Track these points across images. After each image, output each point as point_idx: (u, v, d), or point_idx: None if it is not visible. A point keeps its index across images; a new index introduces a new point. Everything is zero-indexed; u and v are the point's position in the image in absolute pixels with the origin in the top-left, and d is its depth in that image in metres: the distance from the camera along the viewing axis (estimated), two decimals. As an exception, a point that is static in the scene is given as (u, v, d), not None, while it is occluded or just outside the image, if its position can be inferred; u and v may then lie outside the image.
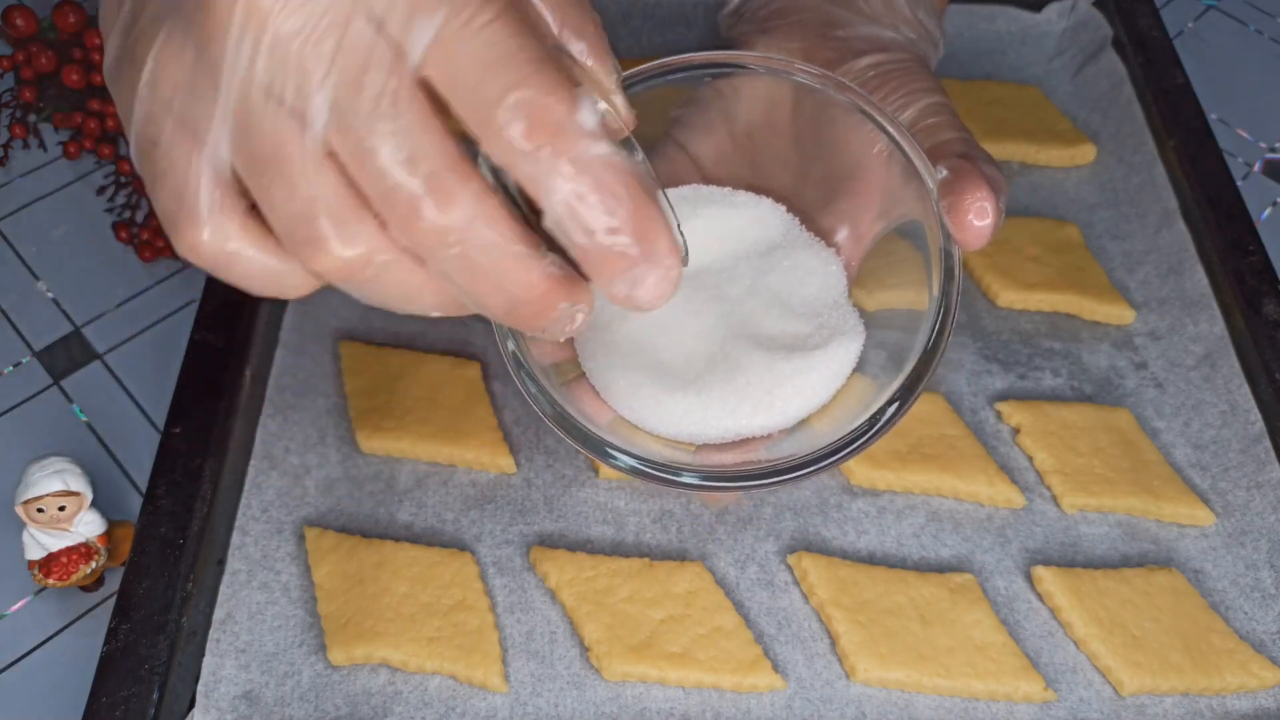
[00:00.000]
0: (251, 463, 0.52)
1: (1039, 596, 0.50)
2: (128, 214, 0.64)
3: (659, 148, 0.43)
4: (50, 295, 0.61)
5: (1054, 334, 0.58)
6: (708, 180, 0.42)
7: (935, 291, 0.36)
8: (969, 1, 0.70)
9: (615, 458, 0.35)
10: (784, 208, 0.41)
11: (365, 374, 0.54)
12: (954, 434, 0.54)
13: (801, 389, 0.36)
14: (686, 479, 0.34)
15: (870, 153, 0.38)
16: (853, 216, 0.39)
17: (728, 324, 0.38)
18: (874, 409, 0.35)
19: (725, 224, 0.40)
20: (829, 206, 0.39)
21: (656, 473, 0.34)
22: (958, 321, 0.58)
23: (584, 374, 0.38)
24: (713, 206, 0.41)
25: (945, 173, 0.36)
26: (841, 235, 0.39)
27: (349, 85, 0.25)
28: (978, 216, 0.35)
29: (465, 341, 0.57)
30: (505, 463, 0.52)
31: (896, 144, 0.37)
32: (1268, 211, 0.67)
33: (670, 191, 0.41)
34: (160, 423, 0.56)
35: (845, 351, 0.37)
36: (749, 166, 0.42)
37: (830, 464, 0.34)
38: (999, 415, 0.55)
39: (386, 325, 0.57)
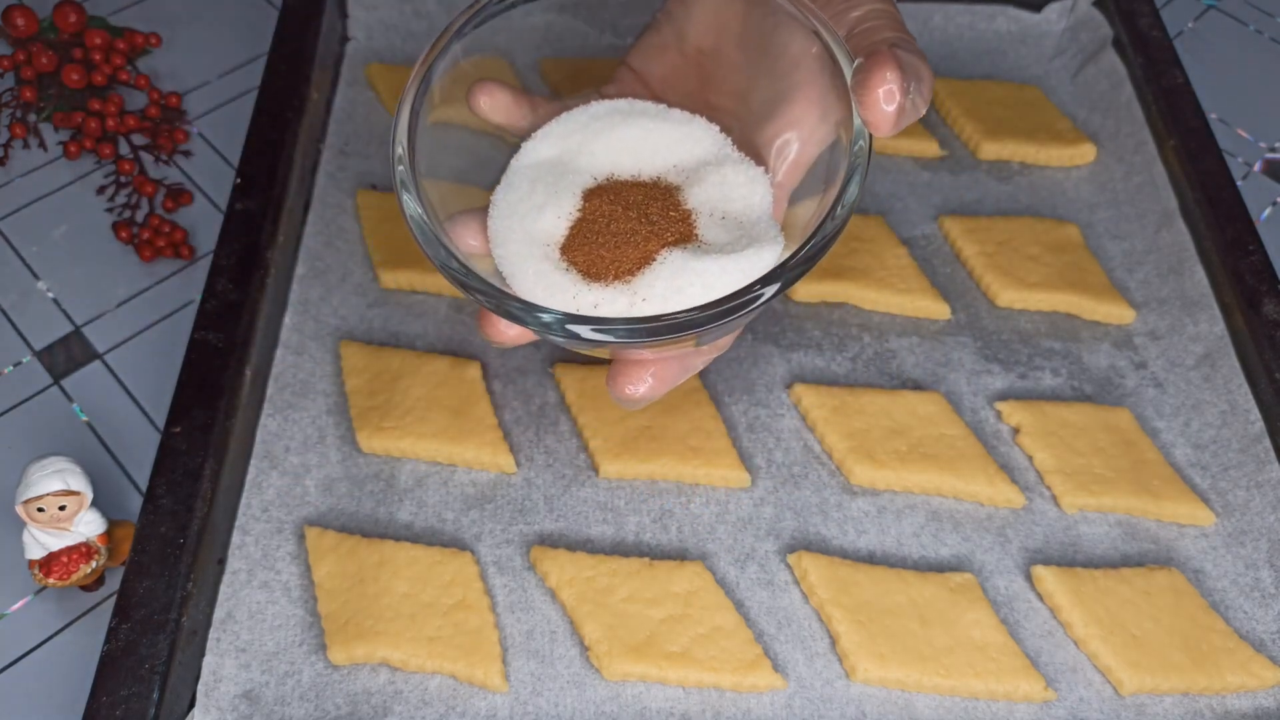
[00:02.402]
0: (251, 462, 0.52)
1: (1039, 596, 0.50)
2: (128, 214, 0.64)
3: (614, 75, 0.44)
4: (50, 295, 0.61)
5: (1054, 334, 0.58)
6: (656, 98, 0.43)
7: (840, 178, 0.35)
8: (969, 1, 0.70)
9: (544, 313, 0.35)
10: (717, 127, 0.41)
11: (365, 374, 0.55)
12: (954, 434, 0.54)
13: (711, 288, 0.36)
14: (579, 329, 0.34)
15: (810, 54, 0.38)
16: (798, 122, 0.39)
17: (651, 229, 0.38)
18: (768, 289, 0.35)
19: (657, 137, 0.41)
20: (775, 114, 0.40)
21: (582, 329, 0.34)
22: (958, 321, 0.58)
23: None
24: (645, 119, 0.41)
25: (861, 60, 0.36)
26: (790, 142, 0.39)
27: None
28: (886, 100, 0.34)
29: (465, 341, 0.57)
30: (505, 462, 0.52)
31: (820, 39, 0.37)
32: (1268, 211, 0.67)
33: (605, 104, 0.42)
34: (160, 423, 0.56)
35: (760, 259, 0.37)
36: (699, 82, 0.43)
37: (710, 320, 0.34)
38: (999, 415, 0.55)
39: (386, 325, 0.57)
